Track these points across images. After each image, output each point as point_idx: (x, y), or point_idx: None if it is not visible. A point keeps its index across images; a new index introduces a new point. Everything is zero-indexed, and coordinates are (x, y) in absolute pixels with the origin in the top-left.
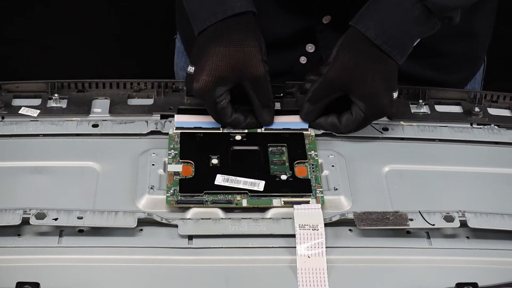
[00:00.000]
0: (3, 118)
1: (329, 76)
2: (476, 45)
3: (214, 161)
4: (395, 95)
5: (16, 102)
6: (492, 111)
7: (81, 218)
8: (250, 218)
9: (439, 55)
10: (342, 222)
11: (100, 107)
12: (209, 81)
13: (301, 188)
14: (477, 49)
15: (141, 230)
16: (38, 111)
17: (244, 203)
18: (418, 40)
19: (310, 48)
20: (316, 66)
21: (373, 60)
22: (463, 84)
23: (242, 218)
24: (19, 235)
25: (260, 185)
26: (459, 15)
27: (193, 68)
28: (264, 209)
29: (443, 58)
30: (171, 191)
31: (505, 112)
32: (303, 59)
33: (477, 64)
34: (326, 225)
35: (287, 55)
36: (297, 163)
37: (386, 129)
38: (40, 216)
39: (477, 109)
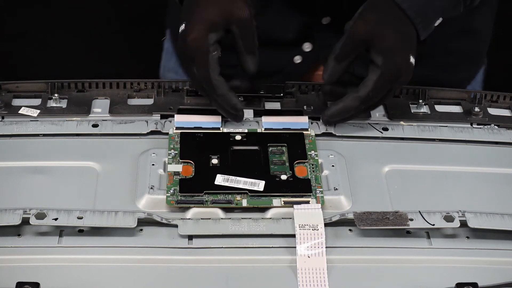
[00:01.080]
0: (3, 118)
1: (354, 29)
2: (478, 42)
3: (214, 161)
4: (412, 59)
5: (16, 102)
6: (492, 111)
7: (81, 218)
8: (250, 218)
9: (444, 53)
10: (342, 222)
11: (100, 107)
12: (201, 29)
13: (301, 188)
14: (479, 46)
15: (141, 230)
16: (38, 111)
17: (244, 203)
18: (441, 19)
19: (307, 47)
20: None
21: (396, 21)
22: (465, 84)
23: (242, 218)
24: (19, 235)
25: (260, 185)
26: None
27: (184, 23)
28: (264, 209)
29: (448, 56)
30: (171, 191)
31: (505, 112)
32: (297, 58)
33: (480, 62)
34: (326, 225)
35: (282, 53)
36: (297, 163)
37: (386, 129)
38: (40, 216)
39: (477, 109)
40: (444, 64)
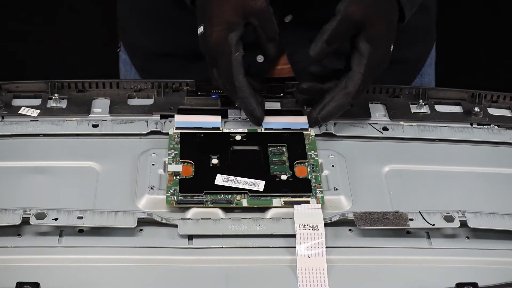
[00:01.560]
0: (3, 118)
1: (348, 11)
2: (428, 18)
3: (214, 161)
4: (391, 48)
5: (16, 102)
6: (492, 111)
7: (81, 218)
8: (250, 218)
9: (400, 30)
10: (342, 222)
11: (100, 107)
12: (220, 30)
13: (301, 188)
14: (429, 21)
15: (141, 230)
16: (38, 111)
17: (244, 203)
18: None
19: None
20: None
21: (387, 4)
22: (422, 61)
23: (242, 218)
24: (19, 235)
25: (260, 185)
26: None
27: (202, 26)
28: (264, 209)
29: (402, 33)
30: (171, 191)
31: (505, 112)
32: (260, 58)
33: (431, 38)
34: (326, 225)
35: (246, 54)
36: (297, 163)
37: (386, 129)
38: (40, 216)
39: (477, 109)
40: (402, 39)
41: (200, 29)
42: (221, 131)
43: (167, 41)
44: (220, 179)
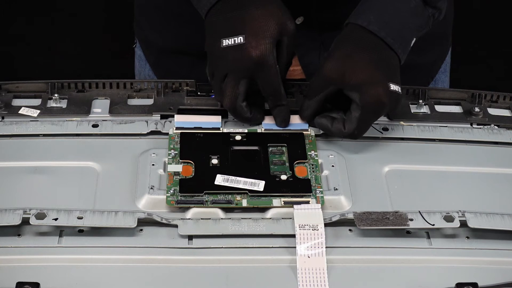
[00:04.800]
0: (3, 118)
1: (324, 67)
2: (444, 24)
3: (214, 161)
4: (393, 86)
5: (16, 102)
6: (492, 111)
7: (81, 218)
8: (250, 218)
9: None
10: (342, 222)
11: (100, 107)
12: (267, 43)
13: (301, 188)
14: (445, 27)
15: (141, 230)
16: (38, 111)
17: (244, 203)
18: (415, 40)
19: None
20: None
21: (371, 51)
22: (436, 67)
23: (242, 218)
24: (19, 235)
25: (260, 185)
26: (445, 9)
27: (241, 37)
28: (264, 209)
29: (419, 40)
30: (171, 191)
31: (505, 112)
32: None
33: (447, 43)
34: (326, 225)
35: None
36: (297, 163)
37: (386, 129)
38: (40, 216)
39: (477, 109)
40: (418, 45)
41: (238, 40)
42: (221, 131)
43: (180, 38)
44: (220, 179)
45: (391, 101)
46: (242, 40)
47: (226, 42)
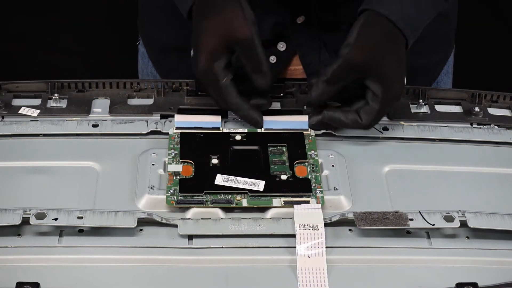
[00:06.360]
0: (3, 118)
1: (351, 56)
2: (447, 25)
3: (214, 161)
4: (405, 80)
5: (16, 102)
6: (492, 111)
7: (81, 218)
8: (250, 218)
9: (418, 39)
10: (342, 222)
11: (100, 107)
12: (205, 59)
13: (301, 188)
14: (448, 29)
15: (141, 230)
16: (38, 111)
17: (244, 203)
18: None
19: (281, 46)
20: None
21: (392, 42)
22: (438, 69)
23: (242, 218)
24: (19, 235)
25: (260, 185)
26: None
27: (192, 50)
28: (264, 209)
29: (421, 42)
30: (171, 191)
31: (505, 112)
32: (272, 59)
33: (450, 45)
34: (326, 225)
35: None
36: (297, 163)
37: (386, 129)
38: (40, 216)
39: (477, 109)
40: (421, 48)
41: (192, 53)
42: (221, 131)
43: (183, 36)
44: (220, 179)
45: (402, 94)
46: (192, 54)
47: (191, 53)
